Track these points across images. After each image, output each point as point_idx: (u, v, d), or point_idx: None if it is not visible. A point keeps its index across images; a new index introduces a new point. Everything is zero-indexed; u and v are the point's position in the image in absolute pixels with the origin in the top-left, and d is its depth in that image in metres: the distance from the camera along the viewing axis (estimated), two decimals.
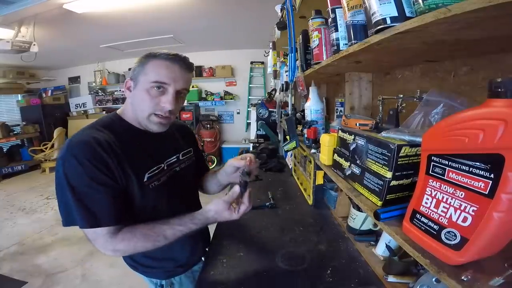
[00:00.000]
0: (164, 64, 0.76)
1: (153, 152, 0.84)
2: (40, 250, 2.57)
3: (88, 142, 0.69)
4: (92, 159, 0.67)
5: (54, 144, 5.07)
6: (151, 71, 0.75)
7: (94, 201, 0.68)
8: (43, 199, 3.89)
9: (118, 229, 0.71)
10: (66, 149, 0.68)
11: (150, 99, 0.76)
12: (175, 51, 0.78)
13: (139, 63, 0.78)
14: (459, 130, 0.39)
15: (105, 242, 0.70)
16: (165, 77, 0.75)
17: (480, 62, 0.64)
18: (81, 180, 0.67)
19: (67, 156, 0.67)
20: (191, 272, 0.97)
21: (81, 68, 6.01)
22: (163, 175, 0.84)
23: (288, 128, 1.29)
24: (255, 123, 3.45)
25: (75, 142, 0.69)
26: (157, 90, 0.76)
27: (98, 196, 0.68)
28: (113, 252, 0.71)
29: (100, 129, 0.75)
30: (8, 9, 2.51)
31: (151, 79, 0.75)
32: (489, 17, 0.36)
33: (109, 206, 0.69)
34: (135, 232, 0.73)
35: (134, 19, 3.16)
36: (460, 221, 0.40)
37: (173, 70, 0.76)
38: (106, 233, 0.69)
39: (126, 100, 0.84)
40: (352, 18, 0.68)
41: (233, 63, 5.41)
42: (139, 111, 0.79)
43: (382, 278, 0.82)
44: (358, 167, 0.69)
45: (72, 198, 0.66)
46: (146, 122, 0.79)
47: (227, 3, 2.85)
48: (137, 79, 0.77)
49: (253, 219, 1.27)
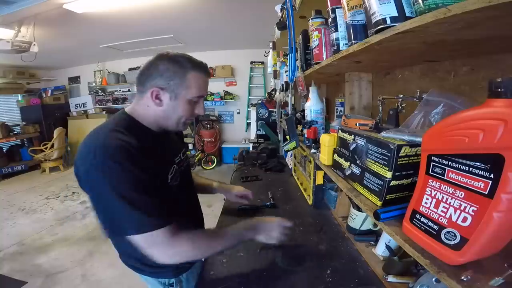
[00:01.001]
0: (202, 78, 0.80)
1: (166, 153, 0.86)
2: (40, 250, 2.57)
3: (124, 146, 0.66)
4: (135, 162, 0.65)
5: (54, 144, 5.07)
6: (194, 86, 0.77)
7: (148, 204, 0.66)
8: (43, 199, 3.89)
9: (176, 228, 0.70)
10: (102, 155, 0.64)
11: (190, 110, 0.80)
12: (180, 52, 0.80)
13: (174, 74, 0.75)
14: (459, 130, 0.39)
15: (166, 246, 0.68)
16: (204, 90, 0.82)
17: (480, 62, 0.64)
18: (129, 185, 0.64)
19: (107, 162, 0.63)
20: (194, 268, 0.97)
21: (81, 68, 6.02)
22: (178, 174, 0.87)
23: (288, 128, 1.29)
24: (255, 123, 3.46)
25: (111, 147, 0.65)
26: (196, 100, 0.81)
27: (151, 199, 0.66)
28: (174, 257, 0.70)
29: (125, 132, 0.71)
30: (8, 9, 2.51)
31: (195, 94, 0.78)
32: (489, 17, 0.36)
33: (162, 207, 0.68)
34: (196, 233, 0.76)
35: (134, 19, 3.16)
36: (460, 221, 0.40)
37: (206, 82, 0.82)
38: (166, 235, 0.67)
39: (140, 104, 0.79)
40: (352, 18, 0.68)
41: (233, 63, 5.42)
42: (174, 118, 0.80)
43: (382, 278, 0.82)
44: (358, 167, 0.69)
45: (123, 204, 0.63)
46: (175, 126, 0.82)
47: (227, 3, 2.85)
48: (175, 91, 0.76)
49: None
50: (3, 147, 5.28)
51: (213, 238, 0.78)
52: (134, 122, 0.79)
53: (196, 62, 0.79)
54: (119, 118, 0.80)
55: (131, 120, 0.79)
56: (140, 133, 0.77)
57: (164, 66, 0.75)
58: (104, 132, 0.71)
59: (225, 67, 5.31)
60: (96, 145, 0.66)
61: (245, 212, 1.32)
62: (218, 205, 2.22)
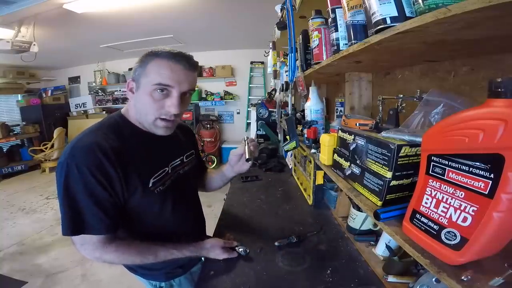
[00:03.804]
0: (167, 64, 0.70)
1: (158, 155, 0.82)
2: (40, 250, 2.57)
3: (92, 150, 0.65)
4: (94, 169, 0.65)
5: (54, 144, 5.07)
6: (153, 72, 0.70)
7: (87, 210, 0.66)
8: (43, 199, 3.89)
9: (110, 239, 0.71)
10: (68, 154, 0.65)
11: (153, 103, 0.71)
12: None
13: (140, 63, 0.73)
14: (459, 130, 0.39)
15: (93, 250, 0.70)
16: (168, 78, 0.69)
17: (480, 62, 0.64)
18: (78, 188, 0.65)
19: (68, 162, 0.64)
20: (190, 274, 0.97)
21: (81, 68, 6.01)
22: (167, 179, 0.83)
23: (288, 128, 1.28)
24: (255, 123, 3.45)
25: (78, 147, 0.66)
26: (160, 93, 0.70)
27: (92, 207, 0.66)
28: (98, 260, 0.71)
29: (106, 133, 0.71)
30: (8, 9, 2.51)
31: (153, 81, 0.69)
32: (489, 17, 0.36)
33: (102, 217, 0.67)
34: (130, 246, 0.74)
35: (134, 19, 3.16)
36: (460, 221, 0.40)
37: (177, 70, 0.70)
38: (96, 241, 0.69)
39: (129, 100, 0.80)
40: (352, 18, 0.68)
41: (233, 63, 5.41)
42: (143, 115, 0.75)
43: (382, 278, 0.81)
44: (358, 167, 0.69)
45: (64, 203, 0.65)
46: (151, 126, 0.76)
47: (227, 3, 2.85)
48: (138, 80, 0.72)
49: (253, 219, 1.27)
50: (3, 147, 5.28)
51: (143, 254, 0.75)
52: (124, 121, 0.78)
53: (167, 50, 0.72)
54: (111, 117, 0.79)
55: (121, 119, 0.79)
56: (127, 133, 0.75)
57: (139, 59, 0.74)
58: (88, 132, 0.72)
59: (225, 67, 5.31)
60: (71, 145, 0.67)
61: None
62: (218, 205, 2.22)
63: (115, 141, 0.70)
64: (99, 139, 0.68)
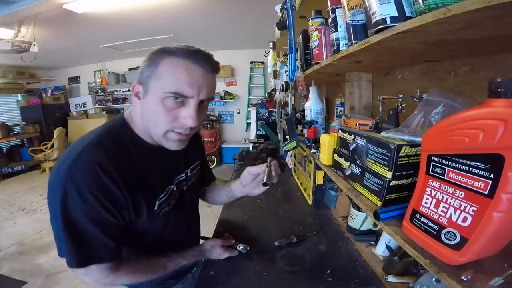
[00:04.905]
0: (184, 66, 0.56)
1: (164, 172, 0.73)
2: (40, 250, 2.57)
3: (95, 172, 0.56)
4: (98, 193, 0.56)
5: (54, 144, 5.07)
6: (166, 74, 0.56)
7: (94, 240, 0.59)
8: (43, 199, 3.89)
9: (118, 263, 0.66)
10: (66, 177, 0.55)
11: (165, 113, 0.58)
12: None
13: (149, 61, 0.59)
14: (459, 130, 0.39)
15: (104, 277, 0.64)
16: (186, 85, 0.56)
17: (480, 62, 0.64)
18: (80, 216, 0.57)
19: (66, 187, 0.55)
20: (186, 279, 0.94)
21: (81, 68, 6.02)
22: (172, 198, 0.76)
23: (288, 128, 1.29)
24: (255, 123, 3.45)
25: (78, 169, 0.56)
26: (174, 100, 0.57)
27: (99, 235, 0.59)
28: (111, 285, 0.66)
29: (109, 149, 0.60)
30: (8, 9, 2.51)
31: (167, 88, 0.56)
32: (489, 17, 0.36)
33: (110, 244, 0.61)
34: (139, 264, 0.72)
35: (134, 19, 3.16)
36: (460, 221, 0.40)
37: (195, 73, 0.57)
38: (105, 269, 0.63)
39: (134, 105, 0.66)
40: (352, 18, 0.68)
41: (233, 63, 5.42)
42: (152, 126, 0.62)
43: (382, 278, 0.81)
44: (358, 167, 0.69)
45: (65, 233, 0.57)
46: (161, 139, 0.63)
47: (227, 3, 2.85)
48: (147, 84, 0.59)
49: (253, 219, 1.27)
50: (3, 147, 5.28)
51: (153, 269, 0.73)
52: (127, 131, 0.67)
53: (183, 47, 0.58)
54: (113, 126, 0.67)
55: (124, 129, 0.67)
56: (132, 147, 0.65)
57: (148, 56, 0.61)
58: (84, 146, 0.59)
59: (225, 67, 5.30)
60: (69, 161, 0.57)
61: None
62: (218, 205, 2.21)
63: (119, 159, 0.61)
64: (101, 158, 0.58)
